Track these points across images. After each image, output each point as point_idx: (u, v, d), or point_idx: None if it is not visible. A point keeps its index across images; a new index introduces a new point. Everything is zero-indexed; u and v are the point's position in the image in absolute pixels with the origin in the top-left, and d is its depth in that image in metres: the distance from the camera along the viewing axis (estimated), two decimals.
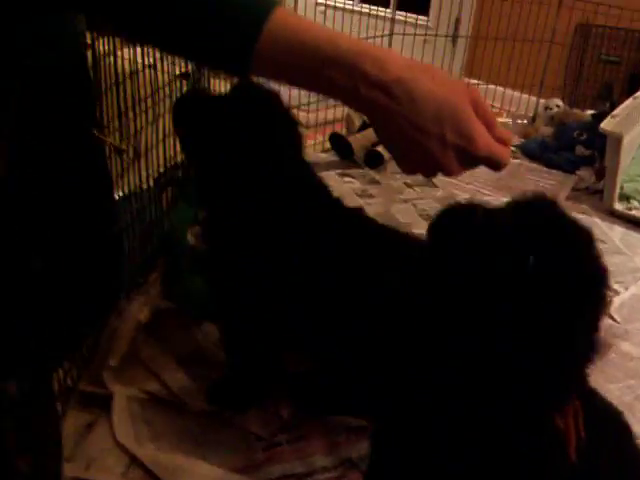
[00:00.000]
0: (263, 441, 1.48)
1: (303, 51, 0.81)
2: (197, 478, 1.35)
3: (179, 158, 2.21)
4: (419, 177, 2.99)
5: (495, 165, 0.95)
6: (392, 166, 3.00)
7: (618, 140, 2.71)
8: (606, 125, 2.76)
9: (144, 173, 1.94)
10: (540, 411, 0.91)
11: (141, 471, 1.36)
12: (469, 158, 0.93)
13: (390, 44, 3.49)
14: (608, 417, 1.13)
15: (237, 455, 1.43)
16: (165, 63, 2.05)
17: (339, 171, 2.95)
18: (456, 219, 0.91)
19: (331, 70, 0.82)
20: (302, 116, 3.02)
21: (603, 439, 1.05)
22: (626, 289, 2.31)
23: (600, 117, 3.43)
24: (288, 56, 0.81)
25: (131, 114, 1.82)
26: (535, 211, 0.92)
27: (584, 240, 0.90)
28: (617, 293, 2.27)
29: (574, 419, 0.95)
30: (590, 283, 0.86)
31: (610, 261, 0.76)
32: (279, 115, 1.38)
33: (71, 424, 1.46)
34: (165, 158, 2.11)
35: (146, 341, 1.73)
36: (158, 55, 1.97)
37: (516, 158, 3.40)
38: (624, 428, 1.14)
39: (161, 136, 2.06)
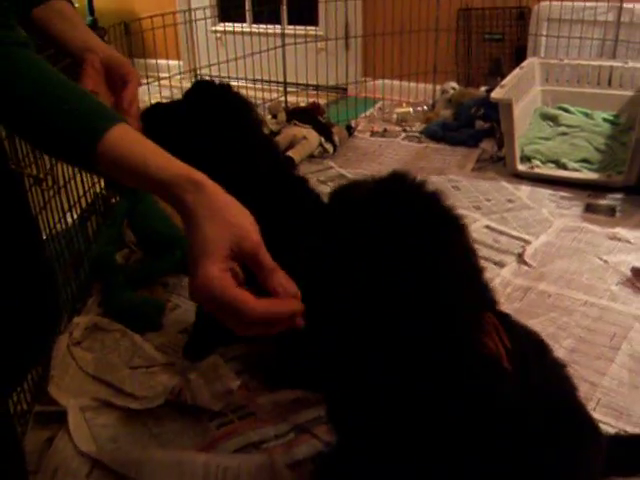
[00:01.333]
0: (215, 420, 1.58)
1: (133, 167, 0.89)
2: (156, 465, 1.43)
3: (97, 188, 2.31)
4: (330, 171, 3.14)
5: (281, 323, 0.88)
6: (306, 168, 3.13)
7: (509, 105, 2.89)
8: (496, 94, 2.95)
9: (66, 205, 2.02)
10: (456, 332, 1.04)
11: (104, 471, 1.44)
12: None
13: (284, 56, 3.63)
14: (525, 333, 1.27)
15: (193, 438, 1.53)
16: None
17: None
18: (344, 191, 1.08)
19: (155, 188, 0.90)
20: None
21: (525, 350, 1.19)
22: (537, 238, 2.48)
23: (492, 91, 3.65)
24: (121, 167, 0.90)
25: None
26: (391, 181, 1.08)
27: (430, 195, 1.07)
28: (529, 242, 2.44)
29: (496, 334, 1.09)
30: (442, 222, 1.01)
31: (520, 216, 0.88)
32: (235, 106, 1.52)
33: (32, 442, 1.53)
34: (84, 188, 2.20)
35: (88, 352, 1.83)
36: None
37: (421, 142, 3.56)
38: (541, 343, 1.28)
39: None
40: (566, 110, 3.55)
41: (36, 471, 1.44)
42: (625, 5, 3.64)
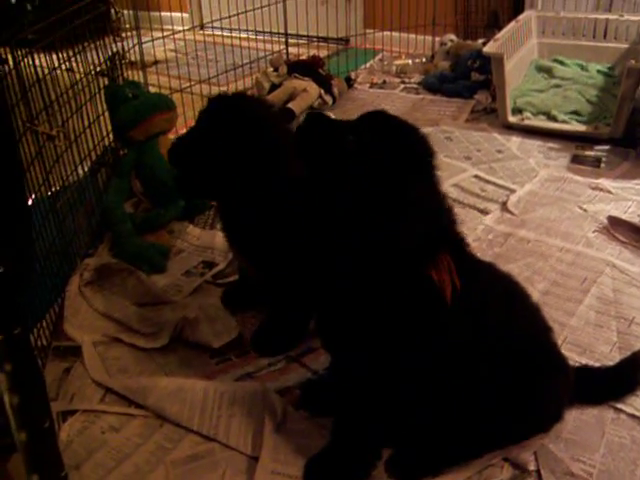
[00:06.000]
0: (215, 357, 1.76)
1: None
2: (161, 391, 1.62)
3: (107, 142, 2.46)
4: None
5: None
6: None
7: (500, 60, 3.00)
8: (489, 48, 3.05)
9: (77, 159, 2.18)
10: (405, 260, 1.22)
11: (115, 396, 1.63)
12: None
13: (285, 8, 3.72)
14: (494, 275, 1.43)
15: (194, 369, 1.71)
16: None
17: None
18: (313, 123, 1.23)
19: None
20: (215, 89, 3.25)
21: (487, 293, 1.35)
22: (522, 187, 2.61)
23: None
24: None
25: (56, 107, 2.06)
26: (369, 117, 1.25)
27: (407, 128, 1.22)
28: (514, 191, 2.58)
29: (447, 272, 1.25)
30: (407, 150, 1.16)
31: (508, 166, 0.98)
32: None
33: (51, 372, 1.72)
34: (94, 142, 2.35)
35: (98, 292, 2.00)
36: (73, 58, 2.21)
37: (418, 93, 3.67)
38: (515, 287, 1.44)
39: (87, 123, 2.30)
40: (561, 62, 3.62)
41: (55, 398, 1.62)
42: None
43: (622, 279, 2.05)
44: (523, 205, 2.48)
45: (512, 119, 3.14)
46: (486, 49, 3.04)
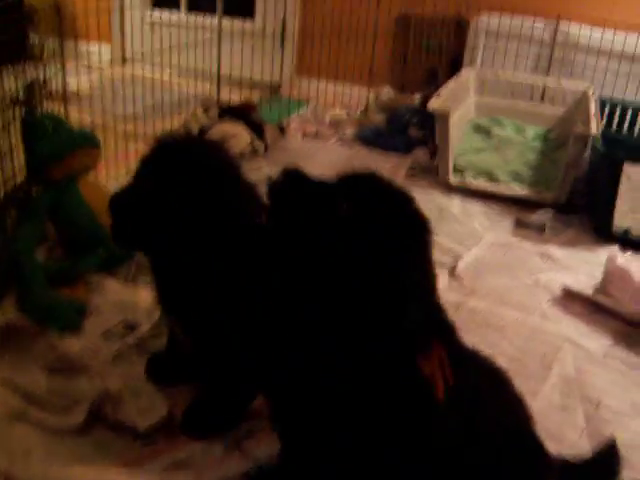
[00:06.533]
0: (140, 440, 1.48)
1: None
2: None
3: (18, 179, 2.17)
4: (260, 172, 3.07)
5: None
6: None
7: (445, 116, 2.89)
8: (433, 104, 2.94)
9: None
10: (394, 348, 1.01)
11: None
12: None
13: (219, 52, 3.53)
14: (484, 364, 1.25)
15: (116, 454, 1.43)
16: None
17: None
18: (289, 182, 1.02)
19: None
20: (138, 128, 3.01)
21: (477, 386, 1.16)
22: (469, 250, 2.47)
23: (426, 99, 3.64)
24: None
25: None
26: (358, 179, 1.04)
27: (400, 195, 1.03)
28: (459, 255, 2.43)
29: (440, 365, 1.05)
30: (407, 226, 0.97)
31: (450, 229, 0.84)
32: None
33: None
34: (3, 178, 2.06)
35: (1, 357, 1.70)
36: None
37: (352, 147, 3.51)
38: (501, 378, 1.27)
39: None
40: (499, 122, 3.58)
41: None
42: (561, 27, 3.70)
43: (582, 356, 1.93)
44: (472, 272, 2.34)
45: (454, 179, 3.02)
46: (431, 104, 2.93)
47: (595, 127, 2.76)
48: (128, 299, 1.97)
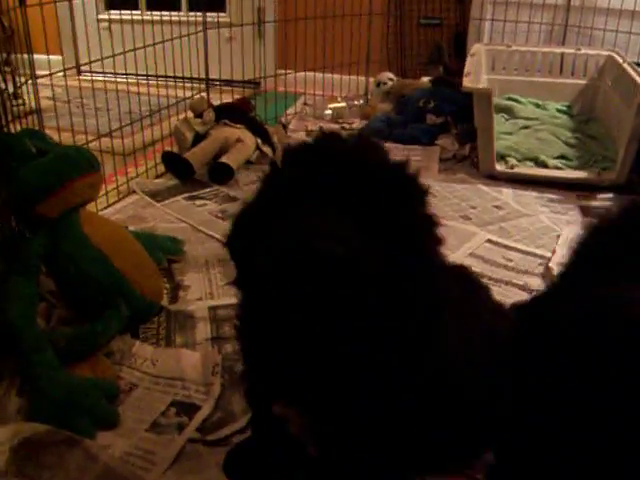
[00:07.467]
0: None
1: None
2: None
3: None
4: None
5: None
6: (244, 177, 2.55)
7: (487, 97, 2.45)
8: (469, 83, 2.51)
9: None
10: None
11: None
12: None
13: (206, 50, 3.00)
14: None
15: None
16: None
17: (186, 195, 2.44)
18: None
19: None
20: (117, 143, 2.50)
21: None
22: (552, 252, 2.04)
23: (439, 82, 3.22)
24: None
25: None
26: None
27: None
28: (544, 258, 2.01)
29: None
30: None
31: (519, 224, 0.51)
32: None
33: None
34: None
35: None
36: None
37: None
38: None
39: None
40: (517, 101, 3.18)
41: None
42: None
43: None
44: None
45: (499, 167, 2.59)
46: (467, 85, 2.49)
47: None
48: (170, 369, 1.47)
